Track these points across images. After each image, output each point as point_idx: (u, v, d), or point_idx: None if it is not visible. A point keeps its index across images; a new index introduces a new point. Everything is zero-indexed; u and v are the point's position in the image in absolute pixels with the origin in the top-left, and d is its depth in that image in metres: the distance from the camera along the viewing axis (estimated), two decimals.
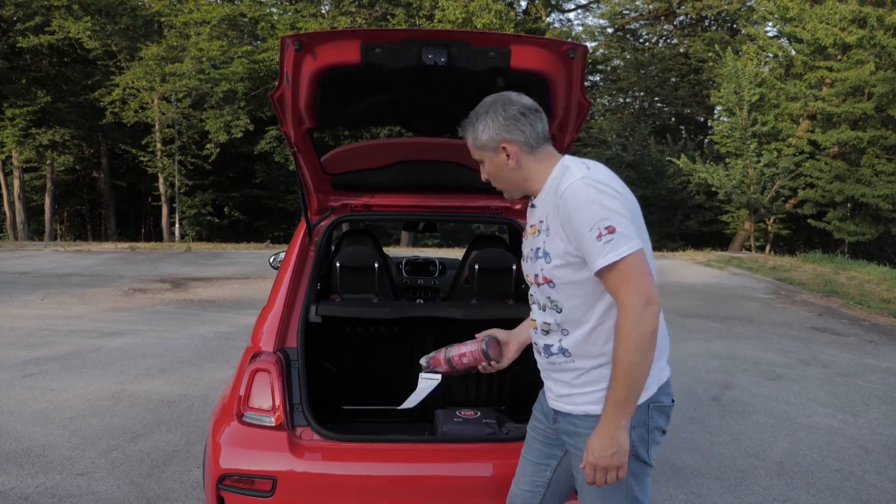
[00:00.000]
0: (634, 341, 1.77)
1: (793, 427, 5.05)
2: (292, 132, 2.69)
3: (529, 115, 1.99)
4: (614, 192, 1.86)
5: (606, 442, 1.83)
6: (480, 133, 2.00)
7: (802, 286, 12.37)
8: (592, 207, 1.81)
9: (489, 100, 2.02)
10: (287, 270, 3.00)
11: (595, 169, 1.93)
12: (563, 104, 2.54)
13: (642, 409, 1.92)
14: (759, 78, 21.92)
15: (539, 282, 2.00)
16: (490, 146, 2.00)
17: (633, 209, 1.90)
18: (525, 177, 2.02)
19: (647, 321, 1.77)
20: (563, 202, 1.86)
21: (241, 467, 2.50)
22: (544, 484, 2.22)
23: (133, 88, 22.66)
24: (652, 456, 1.99)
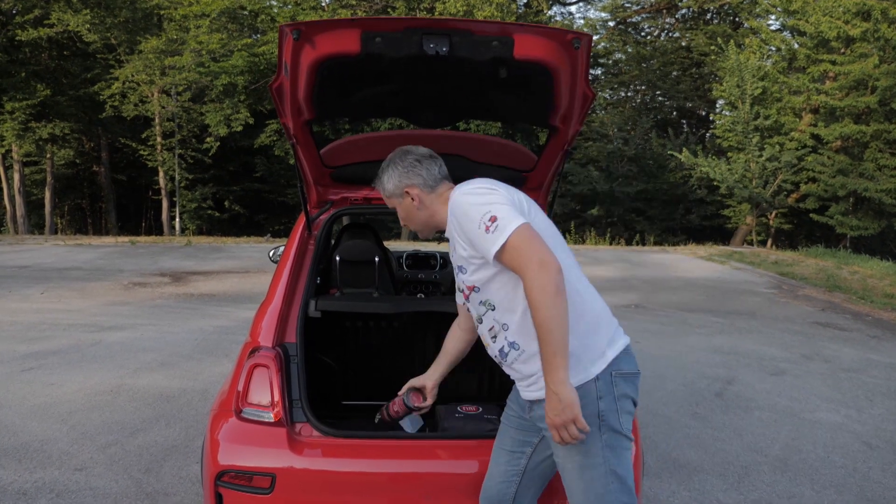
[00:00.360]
0: (539, 298, 1.88)
1: (796, 423, 5.01)
2: (291, 124, 2.64)
3: (424, 161, 2.27)
4: (487, 188, 2.07)
5: (553, 401, 1.91)
6: (386, 183, 2.30)
7: (805, 281, 12.32)
8: (472, 209, 2.02)
9: (390, 155, 2.32)
10: (286, 265, 2.96)
11: (471, 182, 2.15)
12: (566, 95, 2.49)
13: (605, 378, 2.03)
14: (762, 71, 21.81)
15: (467, 295, 2.19)
16: (397, 193, 2.28)
17: (518, 195, 2.12)
18: (430, 213, 2.27)
19: (544, 278, 1.88)
20: (452, 217, 2.11)
21: (240, 464, 2.46)
22: (519, 473, 2.27)
23: (133, 82, 22.58)
24: (626, 427, 2.06)
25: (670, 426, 4.83)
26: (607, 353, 2.05)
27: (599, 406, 2.01)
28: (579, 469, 2.04)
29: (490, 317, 2.14)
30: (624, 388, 2.06)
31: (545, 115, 2.66)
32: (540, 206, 2.26)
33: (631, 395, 2.09)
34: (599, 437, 2.02)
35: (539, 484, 2.31)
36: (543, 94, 2.52)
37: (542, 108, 2.63)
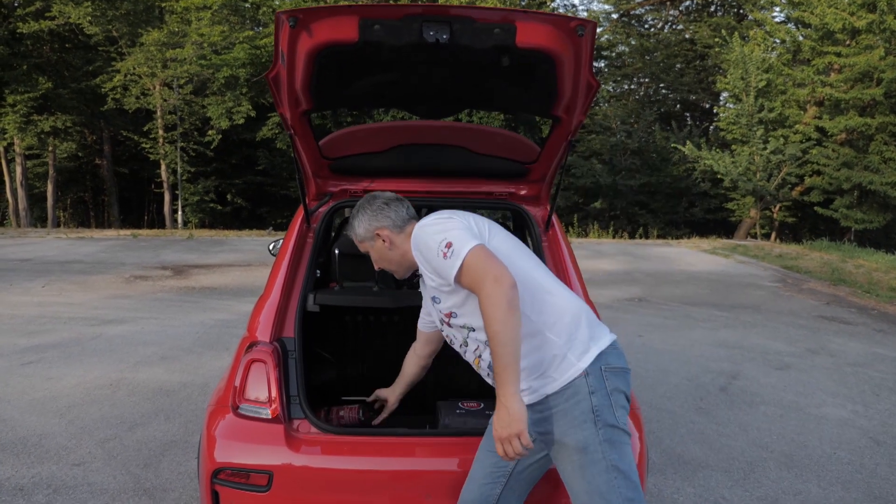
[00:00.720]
0: (491, 312, 1.94)
1: (802, 418, 4.96)
2: (289, 114, 2.58)
3: (392, 204, 2.37)
4: (444, 218, 2.17)
5: (501, 413, 1.94)
6: (357, 228, 2.39)
7: (809, 274, 12.25)
8: (430, 238, 2.11)
9: (358, 202, 2.44)
10: (284, 258, 2.90)
11: (430, 216, 2.23)
12: (570, 84, 2.43)
13: (595, 373, 2.05)
14: (767, 64, 21.64)
15: (448, 323, 2.25)
16: (368, 236, 2.37)
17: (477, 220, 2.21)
18: (402, 253, 2.34)
19: (497, 293, 1.93)
20: (416, 251, 2.19)
21: (236, 461, 2.41)
22: (506, 474, 2.24)
23: (134, 74, 22.49)
24: (622, 421, 2.05)
25: (674, 421, 4.78)
26: (591, 349, 2.08)
27: (592, 401, 2.02)
28: (579, 468, 2.01)
29: (473, 338, 2.20)
30: (615, 383, 2.07)
31: (548, 104, 2.59)
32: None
33: (623, 390, 2.09)
34: (596, 432, 2.01)
35: (524, 487, 2.28)
36: (546, 84, 2.46)
37: (544, 98, 2.56)
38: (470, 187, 3.16)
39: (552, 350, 2.07)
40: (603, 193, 26.32)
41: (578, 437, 2.01)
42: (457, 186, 3.16)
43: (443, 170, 3.10)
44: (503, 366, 1.93)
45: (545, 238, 3.09)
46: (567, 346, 2.07)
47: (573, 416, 2.02)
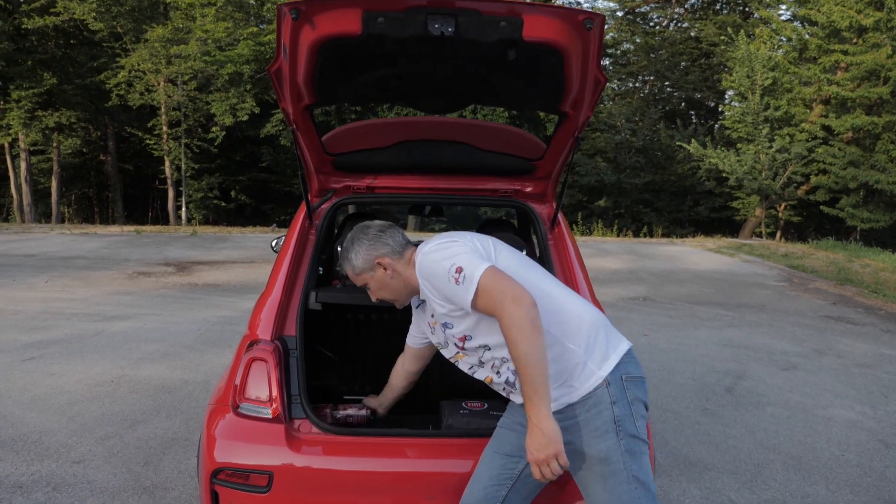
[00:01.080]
0: (515, 336, 1.91)
1: (809, 419, 4.91)
2: (291, 109, 2.54)
3: (387, 230, 2.32)
4: (447, 242, 2.14)
5: (536, 434, 1.91)
6: (355, 260, 2.30)
7: (815, 274, 12.17)
8: (438, 265, 2.07)
9: (349, 235, 2.36)
10: (286, 255, 2.86)
11: (431, 240, 2.21)
12: (577, 78, 2.38)
13: (616, 383, 2.03)
14: (773, 62, 21.53)
15: (461, 347, 2.20)
16: (367, 267, 2.29)
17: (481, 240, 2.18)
18: (405, 280, 2.28)
19: (519, 314, 1.91)
20: (422, 279, 2.15)
21: (236, 461, 2.37)
22: (513, 477, 2.20)
23: (139, 71, 22.47)
24: (641, 430, 2.05)
25: (680, 422, 4.73)
26: (611, 356, 2.07)
27: (615, 411, 2.01)
28: (601, 478, 2.00)
29: (488, 356, 2.16)
30: (635, 392, 2.06)
31: (555, 100, 2.54)
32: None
33: (642, 399, 2.09)
34: (618, 442, 2.00)
35: (531, 491, 2.24)
36: (553, 78, 2.41)
37: (551, 93, 2.51)
38: (474, 184, 3.11)
39: (573, 359, 2.06)
40: (607, 191, 26.25)
41: (601, 448, 2.00)
42: (461, 183, 3.11)
43: (447, 166, 3.05)
44: (534, 387, 1.91)
45: (551, 236, 3.04)
46: (587, 354, 2.05)
47: (595, 426, 2.01)
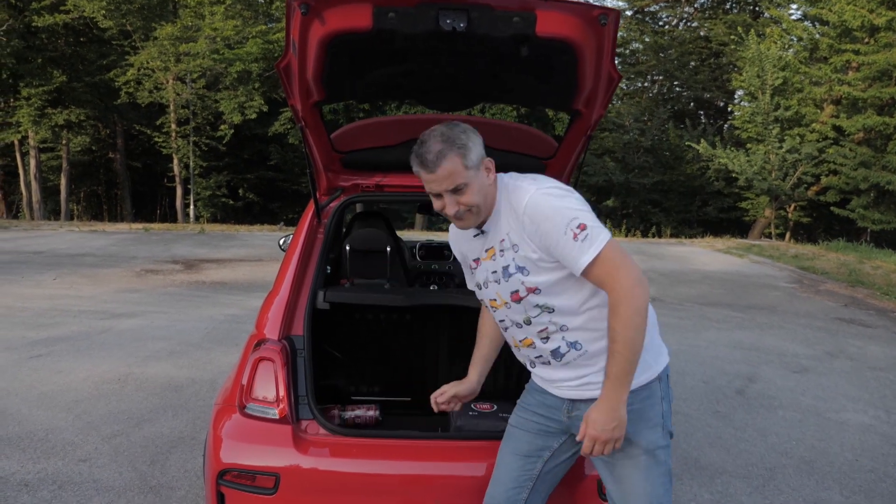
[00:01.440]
0: (631, 318, 1.82)
1: (822, 423, 4.84)
2: (300, 105, 2.50)
3: None
4: (567, 192, 1.93)
5: (609, 415, 1.87)
6: (472, 153, 1.93)
7: (826, 275, 12.07)
8: (558, 213, 1.86)
9: (454, 126, 1.97)
10: (294, 254, 2.83)
11: (540, 179, 1.99)
12: (591, 75, 2.34)
13: (664, 379, 2.04)
14: (783, 61, 21.38)
15: (520, 296, 1.99)
16: (479, 164, 1.96)
17: None
18: (493, 192, 2.01)
19: (640, 297, 1.83)
20: (529, 217, 1.89)
21: (242, 462, 2.34)
22: (533, 478, 2.17)
23: (148, 68, 22.53)
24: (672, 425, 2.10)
25: (691, 425, 4.68)
26: (664, 352, 2.09)
27: (663, 407, 2.03)
28: (645, 469, 2.00)
29: (545, 319, 1.99)
30: (670, 392, 2.10)
31: (568, 97, 2.50)
32: None
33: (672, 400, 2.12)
34: (664, 437, 2.02)
35: (549, 486, 2.22)
36: (566, 75, 2.37)
37: (564, 90, 2.47)
38: None
39: None
40: (615, 191, 26.15)
41: (650, 439, 2.00)
42: None
43: None
44: (625, 371, 1.86)
45: None
46: (649, 344, 1.99)
47: (648, 418, 2.00)
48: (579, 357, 2.00)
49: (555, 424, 2.13)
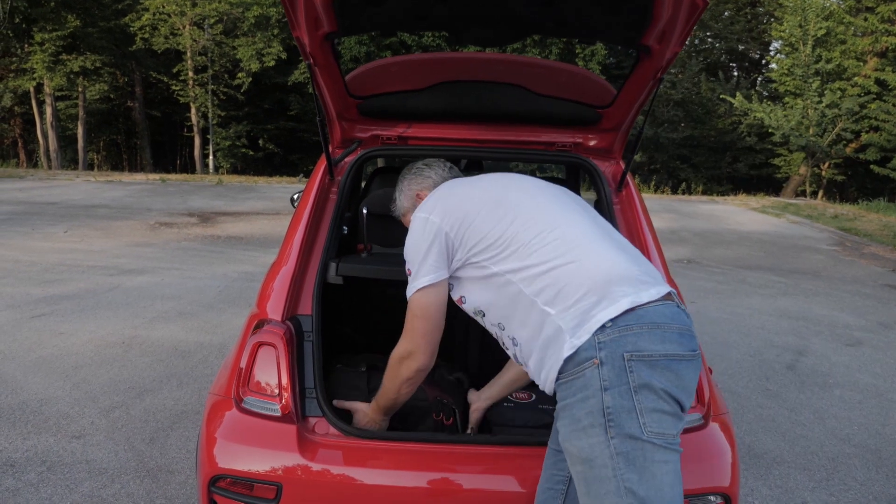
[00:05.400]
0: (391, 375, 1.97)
1: (884, 405, 4.40)
2: (307, 38, 2.04)
3: (432, 164, 2.22)
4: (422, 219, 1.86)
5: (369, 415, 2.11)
6: (399, 201, 2.23)
7: (869, 237, 11.47)
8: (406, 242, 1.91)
9: None
10: (303, 217, 2.40)
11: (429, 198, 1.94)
12: (671, 1, 1.84)
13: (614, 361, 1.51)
14: (827, 11, 20.30)
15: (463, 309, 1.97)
16: (409, 205, 2.19)
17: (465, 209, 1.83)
18: None
19: (399, 371, 1.94)
20: None
21: (239, 468, 1.96)
22: (564, 480, 1.84)
23: (163, 13, 21.93)
24: (651, 428, 1.49)
25: (740, 405, 4.26)
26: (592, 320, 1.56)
27: (605, 402, 1.51)
28: (583, 481, 1.55)
29: (486, 322, 1.89)
30: (645, 376, 1.50)
31: (638, 30, 2.00)
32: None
33: (661, 386, 1.51)
34: (607, 441, 1.50)
35: None
36: (640, 1, 1.88)
37: (634, 21, 1.97)
38: (527, 135, 2.60)
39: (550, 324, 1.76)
40: (643, 146, 25.34)
41: (580, 446, 1.55)
42: (511, 134, 2.60)
43: (495, 113, 2.54)
44: None
45: (617, 199, 2.54)
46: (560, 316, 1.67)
47: (575, 417, 1.58)
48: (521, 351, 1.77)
49: None
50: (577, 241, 1.69)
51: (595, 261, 1.65)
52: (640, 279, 1.62)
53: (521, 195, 1.84)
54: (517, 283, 1.70)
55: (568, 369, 1.57)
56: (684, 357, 1.55)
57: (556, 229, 1.72)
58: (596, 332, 1.54)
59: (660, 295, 1.60)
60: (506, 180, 1.93)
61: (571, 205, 1.85)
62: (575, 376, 1.56)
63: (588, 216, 1.82)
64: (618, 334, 1.53)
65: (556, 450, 1.84)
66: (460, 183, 1.96)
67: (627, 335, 1.52)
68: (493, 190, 1.87)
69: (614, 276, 1.61)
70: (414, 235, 1.86)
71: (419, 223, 1.86)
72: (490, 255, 1.76)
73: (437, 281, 1.83)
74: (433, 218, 1.83)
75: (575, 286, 1.61)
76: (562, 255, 1.67)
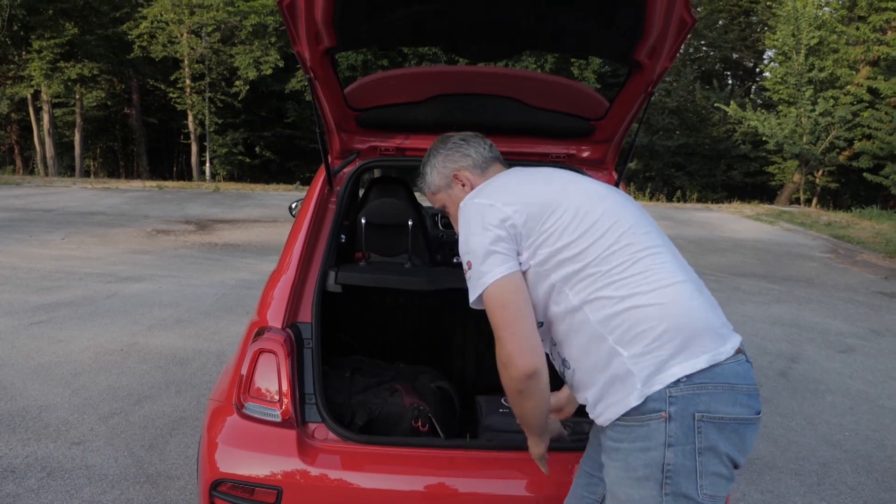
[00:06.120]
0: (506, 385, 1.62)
1: (875, 410, 4.46)
2: (307, 53, 2.10)
3: (471, 140, 1.94)
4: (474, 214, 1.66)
5: None
6: (430, 177, 1.95)
7: (862, 245, 11.56)
8: (461, 231, 1.68)
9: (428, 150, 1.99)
10: (302, 227, 2.45)
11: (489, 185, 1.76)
12: (660, 18, 1.91)
13: (684, 419, 1.44)
14: (819, 20, 20.47)
15: None
16: (443, 183, 1.93)
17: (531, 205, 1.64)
18: None
19: (506, 381, 1.60)
20: None
21: (240, 472, 2.00)
22: (596, 502, 1.79)
23: (161, 21, 22.01)
24: (706, 491, 1.46)
25: None
26: (672, 368, 1.47)
27: (666, 457, 1.47)
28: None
29: None
30: (714, 439, 1.47)
31: (629, 45, 2.07)
32: None
33: (728, 453, 1.48)
34: (661, 498, 1.49)
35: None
36: (631, 18, 1.94)
37: (627, 36, 2.04)
38: (522, 147, 2.66)
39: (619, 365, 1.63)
40: (638, 154, 25.45)
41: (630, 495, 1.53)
42: (506, 146, 2.65)
43: (491, 125, 2.59)
44: None
45: None
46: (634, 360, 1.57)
47: (632, 466, 1.53)
48: (573, 377, 1.65)
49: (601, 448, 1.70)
50: (658, 279, 1.55)
51: (678, 308, 1.52)
52: (719, 332, 1.53)
53: (596, 205, 1.65)
54: (587, 311, 1.56)
55: (631, 415, 1.50)
56: (751, 421, 1.50)
57: (638, 262, 1.57)
58: (669, 386, 1.47)
59: (734, 350, 1.52)
60: (578, 183, 1.73)
61: (647, 225, 1.67)
62: (638, 423, 1.50)
63: (662, 240, 1.67)
64: (691, 391, 1.46)
65: (591, 473, 1.81)
66: (525, 174, 1.77)
67: (701, 394, 1.46)
68: (569, 194, 1.67)
69: (697, 328, 1.50)
70: (473, 224, 1.64)
71: (478, 210, 1.64)
72: (560, 270, 1.59)
73: (510, 273, 1.59)
74: (499, 205, 1.63)
75: (654, 332, 1.50)
76: (644, 293, 1.53)
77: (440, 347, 2.97)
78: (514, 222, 1.60)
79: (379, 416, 2.29)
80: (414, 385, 2.48)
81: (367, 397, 2.39)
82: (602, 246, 1.58)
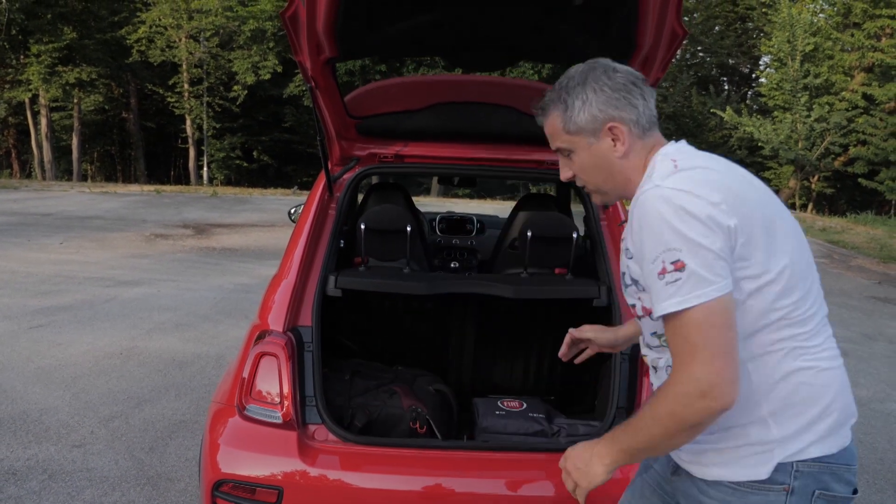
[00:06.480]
0: (666, 422, 1.27)
1: (867, 415, 4.52)
2: (309, 62, 2.15)
3: (641, 87, 1.45)
4: (701, 204, 1.26)
5: (582, 457, 1.40)
6: (578, 111, 1.42)
7: (856, 250, 11.64)
8: (660, 229, 1.26)
9: (582, 68, 1.45)
10: (303, 232, 2.50)
11: (685, 168, 1.35)
12: (652, 30, 1.97)
13: (804, 495, 1.35)
14: (815, 27, 20.60)
15: (638, 313, 1.48)
16: (590, 128, 1.43)
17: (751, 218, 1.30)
18: (632, 169, 1.45)
19: (692, 413, 1.24)
20: (634, 217, 1.34)
21: (241, 473, 2.05)
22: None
23: (160, 26, 22.08)
24: None
25: None
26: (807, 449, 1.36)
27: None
28: None
29: (663, 354, 1.46)
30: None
31: (623, 56, 2.12)
32: None
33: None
34: None
35: None
36: (624, 30, 2.00)
37: (620, 48, 2.10)
38: (518, 154, 2.71)
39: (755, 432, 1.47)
40: None
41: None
42: (503, 153, 2.71)
43: (488, 133, 2.65)
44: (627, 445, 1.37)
45: (604, 216, 2.65)
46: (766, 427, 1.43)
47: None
48: None
49: (666, 486, 1.57)
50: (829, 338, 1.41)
51: (840, 385, 1.40)
52: (854, 410, 1.45)
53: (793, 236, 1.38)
54: None
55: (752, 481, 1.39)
56: (850, 499, 1.43)
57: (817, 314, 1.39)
58: (800, 461, 1.36)
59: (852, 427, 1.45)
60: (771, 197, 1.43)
61: None
62: (754, 490, 1.37)
63: None
64: (817, 469, 1.37)
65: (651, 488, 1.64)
66: (728, 165, 1.44)
67: (825, 473, 1.37)
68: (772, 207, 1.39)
69: (850, 411, 1.42)
70: (680, 215, 1.26)
71: (689, 201, 1.26)
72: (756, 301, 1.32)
73: (729, 292, 1.26)
74: (716, 200, 1.27)
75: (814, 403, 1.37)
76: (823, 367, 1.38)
77: (438, 351, 3.02)
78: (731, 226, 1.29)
79: (378, 417, 2.34)
80: (412, 388, 2.53)
81: (367, 399, 2.44)
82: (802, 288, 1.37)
